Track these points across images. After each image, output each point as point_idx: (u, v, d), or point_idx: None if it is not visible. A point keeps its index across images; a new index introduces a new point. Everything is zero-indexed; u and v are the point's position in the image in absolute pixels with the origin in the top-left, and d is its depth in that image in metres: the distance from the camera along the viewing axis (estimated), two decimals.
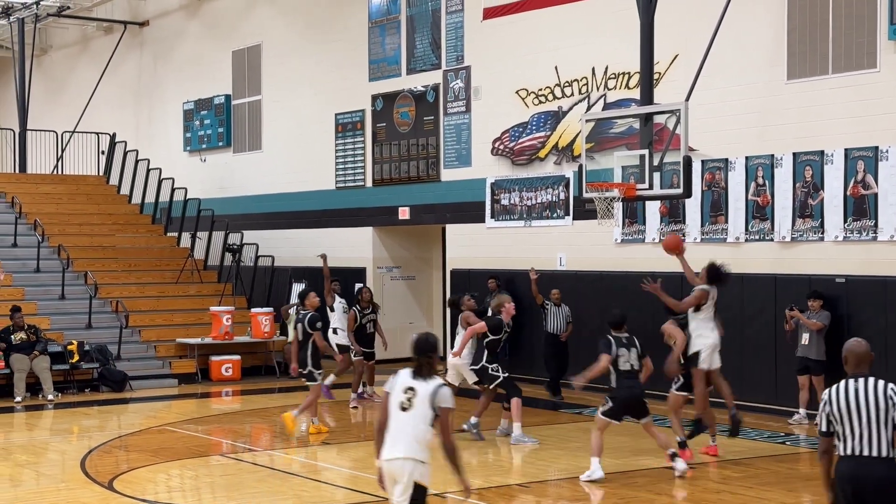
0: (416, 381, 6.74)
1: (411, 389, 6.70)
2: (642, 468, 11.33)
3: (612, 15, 16.77)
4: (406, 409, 6.67)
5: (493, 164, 19.00)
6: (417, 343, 6.86)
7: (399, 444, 6.66)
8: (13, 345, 16.98)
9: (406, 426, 6.64)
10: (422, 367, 6.77)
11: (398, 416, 6.68)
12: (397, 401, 6.70)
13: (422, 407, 6.65)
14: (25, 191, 23.02)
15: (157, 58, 27.23)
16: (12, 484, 11.13)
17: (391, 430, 6.70)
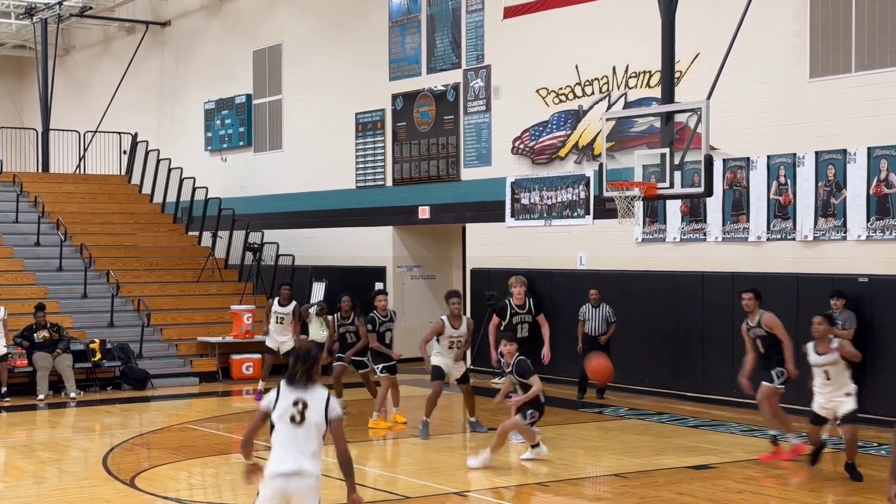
0: (300, 392, 6.37)
1: (301, 402, 6.35)
2: (663, 467, 11.29)
3: (633, 13, 16.73)
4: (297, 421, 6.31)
5: (514, 164, 18.99)
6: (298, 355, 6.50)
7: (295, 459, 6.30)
8: (36, 343, 17.09)
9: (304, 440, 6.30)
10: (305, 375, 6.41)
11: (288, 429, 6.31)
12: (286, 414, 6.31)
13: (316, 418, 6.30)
14: (48, 190, 23.16)
15: (179, 58, 27.34)
16: (35, 481, 11.20)
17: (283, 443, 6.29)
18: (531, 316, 13.35)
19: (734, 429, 13.67)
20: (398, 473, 11.47)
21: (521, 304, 13.32)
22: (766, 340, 11.62)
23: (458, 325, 13.17)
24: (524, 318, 13.31)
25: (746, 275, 15.31)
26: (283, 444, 6.30)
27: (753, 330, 11.68)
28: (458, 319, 13.17)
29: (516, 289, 13.43)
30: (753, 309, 11.69)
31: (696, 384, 15.95)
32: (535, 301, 13.58)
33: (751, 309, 11.70)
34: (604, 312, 16.24)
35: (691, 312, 16.08)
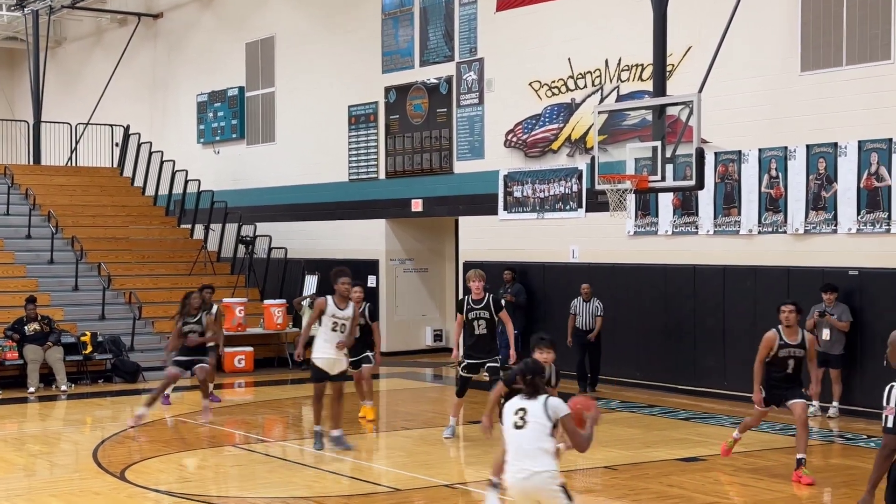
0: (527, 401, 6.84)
1: (523, 410, 6.82)
2: (653, 460, 11.32)
3: (625, 7, 16.73)
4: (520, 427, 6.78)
5: (506, 157, 18.99)
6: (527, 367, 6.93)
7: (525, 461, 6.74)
8: (27, 336, 17.06)
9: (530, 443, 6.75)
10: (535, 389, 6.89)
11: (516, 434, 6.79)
12: (510, 421, 6.80)
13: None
14: (40, 182, 23.12)
15: (171, 50, 27.28)
16: (26, 474, 11.19)
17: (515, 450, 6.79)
18: (488, 312, 12.20)
19: (724, 421, 13.69)
20: (389, 466, 11.48)
21: (479, 300, 12.24)
22: (798, 362, 10.37)
23: (344, 306, 11.82)
24: (480, 315, 12.20)
25: (738, 268, 15.36)
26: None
27: (792, 349, 10.30)
28: (345, 302, 11.83)
29: (474, 283, 12.32)
30: (794, 324, 10.35)
31: (687, 377, 15.99)
32: (495, 297, 12.42)
33: (791, 324, 10.32)
34: (594, 307, 16.15)
35: (683, 305, 16.11)
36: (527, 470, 6.68)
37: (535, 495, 6.72)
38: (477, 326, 12.24)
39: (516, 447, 6.76)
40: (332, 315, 11.68)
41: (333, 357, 11.70)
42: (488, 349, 12.30)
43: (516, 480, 6.72)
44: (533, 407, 6.81)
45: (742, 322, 15.34)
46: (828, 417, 13.81)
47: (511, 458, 6.75)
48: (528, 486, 6.69)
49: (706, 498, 9.62)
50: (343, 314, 11.73)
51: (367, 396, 13.71)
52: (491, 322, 12.25)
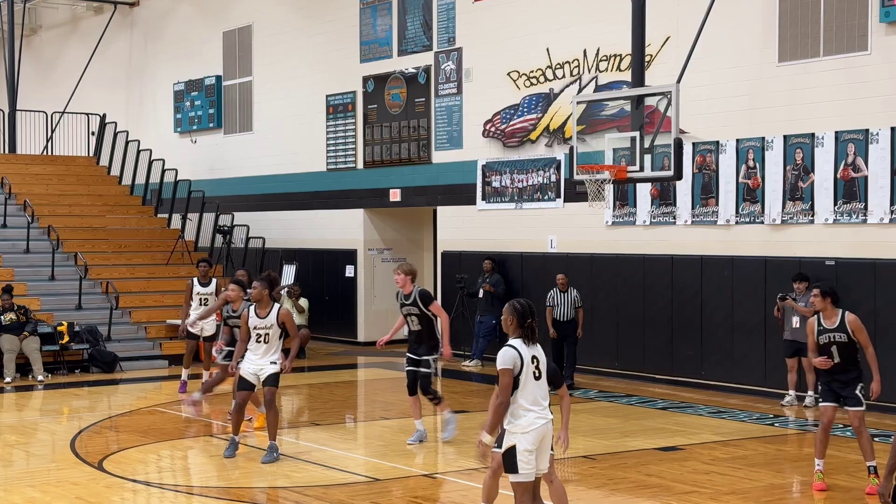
0: (533, 349, 7.20)
1: (536, 358, 7.18)
2: (631, 449, 11.37)
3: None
4: (538, 377, 7.16)
5: (485, 146, 18.99)
6: (525, 310, 7.24)
7: (545, 408, 7.17)
8: (3, 325, 16.95)
9: (543, 391, 7.19)
10: (533, 333, 7.22)
11: (535, 384, 7.13)
12: (529, 371, 7.11)
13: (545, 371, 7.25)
14: (15, 171, 22.94)
15: (148, 38, 27.12)
16: (3, 464, 11.13)
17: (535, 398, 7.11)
18: (417, 308, 11.49)
19: (702, 411, 13.78)
20: (367, 455, 11.49)
21: (407, 295, 11.57)
22: (845, 348, 9.58)
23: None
24: (410, 311, 11.54)
25: (715, 258, 15.43)
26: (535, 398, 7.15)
27: (830, 334, 9.62)
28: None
29: (396, 276, 11.74)
30: (825, 307, 9.66)
31: (664, 367, 16.06)
32: (422, 291, 11.62)
33: (822, 307, 9.68)
34: (572, 297, 15.94)
35: (661, 295, 16.17)
36: (545, 417, 7.14)
37: (545, 439, 7.17)
38: (410, 322, 11.62)
39: (534, 396, 7.13)
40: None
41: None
42: (425, 345, 11.53)
43: (537, 427, 7.10)
44: (541, 354, 7.27)
45: (719, 312, 15.42)
46: (804, 406, 13.91)
47: (529, 407, 7.08)
48: (544, 431, 7.14)
49: (684, 487, 9.68)
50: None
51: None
52: (423, 317, 11.48)
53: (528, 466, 7.09)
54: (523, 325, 7.20)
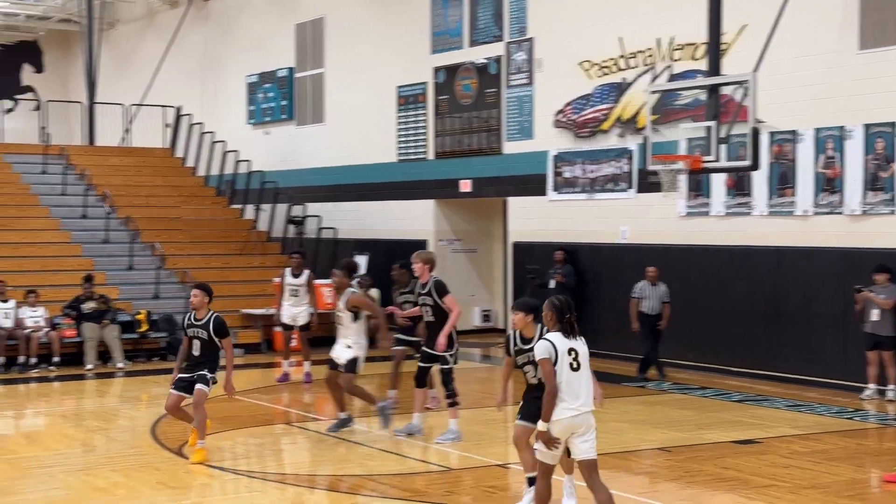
0: (572, 341, 7.39)
1: (574, 350, 7.38)
2: (707, 442, 11.27)
3: None
4: (576, 368, 7.36)
5: (556, 137, 18.93)
6: (563, 306, 7.43)
7: (582, 401, 7.34)
8: (84, 314, 17.31)
9: (581, 382, 7.37)
10: (573, 327, 7.43)
11: (571, 375, 7.34)
12: (565, 363, 7.32)
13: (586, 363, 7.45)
14: (94, 163, 23.38)
15: (222, 31, 27.43)
16: (86, 449, 11.37)
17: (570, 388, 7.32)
18: (431, 298, 11.09)
19: (779, 404, 13.61)
20: (439, 445, 11.52)
21: (424, 284, 11.18)
22: None
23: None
24: (424, 301, 11.16)
25: (792, 249, 15.22)
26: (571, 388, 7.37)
27: None
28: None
29: (414, 265, 11.33)
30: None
31: (740, 359, 15.89)
32: (438, 281, 11.15)
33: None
34: (661, 291, 15.55)
35: (736, 287, 16.00)
36: (578, 409, 7.31)
37: (576, 430, 7.35)
38: (424, 313, 11.22)
39: (571, 388, 7.32)
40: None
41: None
42: (435, 338, 11.09)
43: (565, 418, 7.30)
44: (581, 347, 7.43)
45: (797, 304, 15.21)
46: (887, 401, 13.67)
47: (564, 398, 7.28)
48: (574, 423, 7.32)
49: (762, 481, 9.57)
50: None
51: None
52: (437, 309, 11.06)
53: (550, 451, 7.37)
54: (562, 320, 7.44)
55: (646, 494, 9.18)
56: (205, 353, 10.34)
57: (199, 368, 10.36)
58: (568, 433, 7.35)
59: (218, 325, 10.27)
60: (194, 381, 10.33)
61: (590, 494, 7.53)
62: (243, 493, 9.43)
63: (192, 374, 10.36)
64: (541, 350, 7.40)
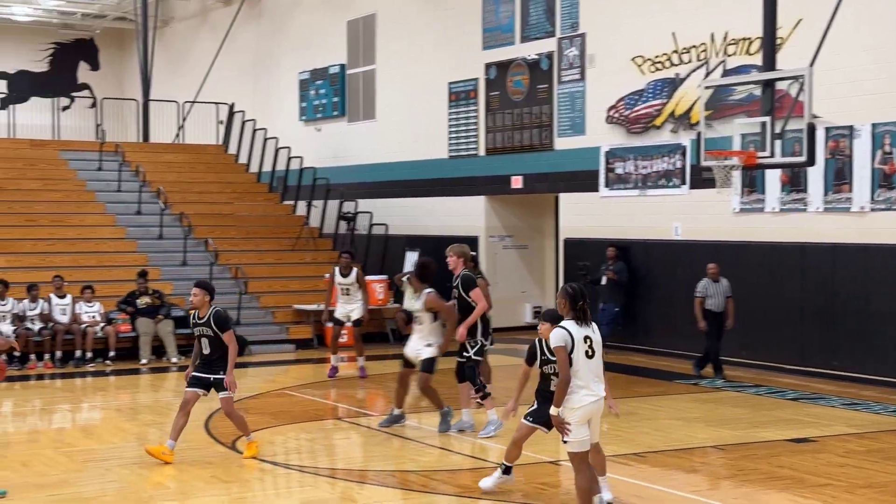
0: (586, 329, 7.69)
1: (589, 338, 7.67)
2: (762, 440, 11.16)
3: None
4: (591, 356, 7.67)
5: (608, 133, 18.82)
6: (577, 293, 7.71)
7: (598, 385, 7.71)
8: (139, 309, 17.52)
9: (596, 369, 7.72)
10: (585, 314, 7.70)
11: (587, 363, 7.65)
12: (581, 350, 7.62)
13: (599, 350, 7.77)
14: (149, 159, 23.64)
15: (274, 28, 27.60)
16: (140, 442, 11.49)
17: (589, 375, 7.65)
18: (458, 292, 11.27)
19: (834, 402, 13.43)
20: (492, 441, 11.51)
21: (455, 277, 11.41)
22: None
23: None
24: (452, 294, 11.33)
25: (848, 246, 15.02)
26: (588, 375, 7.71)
27: None
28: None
29: (449, 258, 11.46)
30: None
31: (794, 356, 15.71)
32: (466, 275, 11.27)
33: None
34: (723, 287, 15.28)
35: (790, 284, 15.82)
36: (596, 395, 7.68)
37: (594, 416, 7.73)
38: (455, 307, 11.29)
39: (588, 374, 7.65)
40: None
41: None
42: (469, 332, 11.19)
43: (586, 403, 7.64)
44: (594, 335, 7.75)
45: (852, 301, 15.01)
46: None
47: (582, 384, 7.61)
48: (593, 409, 7.69)
49: (818, 480, 9.46)
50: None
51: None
52: (462, 301, 11.19)
53: (581, 437, 7.66)
54: (575, 307, 7.70)
55: (699, 493, 9.11)
56: (215, 351, 10.14)
57: (214, 368, 10.13)
58: (588, 418, 7.66)
59: (218, 319, 10.06)
60: (210, 382, 10.17)
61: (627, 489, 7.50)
62: (295, 488, 9.49)
63: (209, 376, 10.17)
64: (556, 338, 7.64)
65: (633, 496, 8.97)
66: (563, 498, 9.06)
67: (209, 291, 10.16)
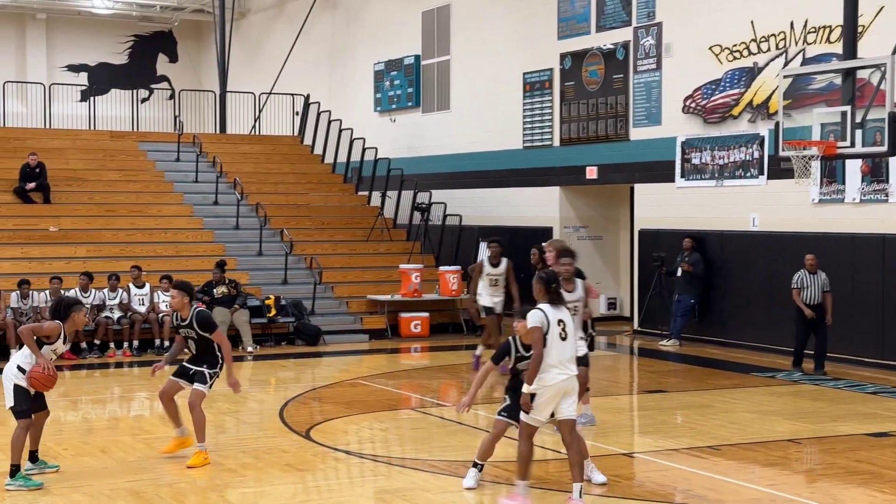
0: (559, 312, 8.12)
1: (562, 321, 8.08)
2: (840, 434, 10.97)
3: None
4: (564, 338, 8.08)
5: (684, 123, 18.62)
6: (549, 277, 8.18)
7: (570, 365, 8.13)
8: (215, 298, 17.74)
9: (569, 351, 8.14)
10: (559, 296, 8.18)
11: (561, 344, 8.06)
12: (556, 332, 8.04)
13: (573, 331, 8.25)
14: (226, 150, 23.93)
15: (349, 19, 27.75)
16: (216, 430, 11.65)
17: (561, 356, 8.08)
18: None
19: None
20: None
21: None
22: None
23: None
24: None
25: None
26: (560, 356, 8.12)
27: None
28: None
29: (548, 253, 11.15)
30: None
31: (873, 350, 15.41)
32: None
33: None
34: (821, 279, 14.95)
35: (870, 276, 15.52)
36: (567, 373, 8.07)
37: (567, 392, 8.10)
38: None
39: (560, 355, 8.06)
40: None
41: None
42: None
43: (558, 381, 8.04)
44: (567, 317, 8.17)
45: None
46: None
47: (553, 363, 8.01)
48: (564, 386, 8.07)
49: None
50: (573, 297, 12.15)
51: None
52: None
53: (539, 415, 8.12)
54: (549, 290, 8.13)
55: (775, 486, 9.00)
56: (202, 350, 9.83)
57: (199, 364, 9.85)
58: (560, 396, 8.06)
59: (201, 321, 9.70)
60: (191, 373, 9.86)
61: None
62: (368, 477, 9.56)
63: (191, 367, 9.89)
64: (533, 319, 8.03)
65: (707, 489, 8.89)
66: (637, 490, 9.00)
67: (188, 292, 9.81)
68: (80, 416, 12.73)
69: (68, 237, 19.54)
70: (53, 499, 8.69)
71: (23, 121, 26.41)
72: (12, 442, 8.91)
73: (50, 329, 9.03)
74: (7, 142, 22.25)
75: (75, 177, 21.48)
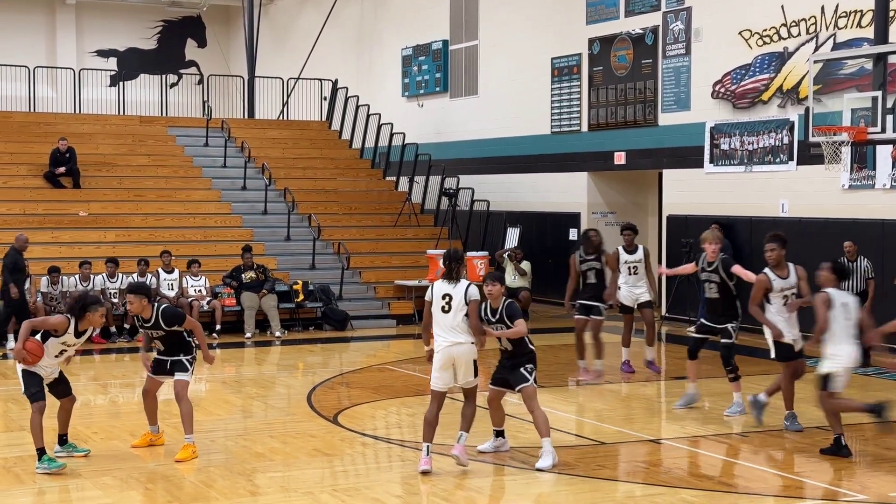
0: (449, 287, 8.82)
1: (448, 296, 8.78)
2: (869, 421, 10.89)
3: None
4: (447, 311, 8.80)
5: (713, 108, 18.51)
6: (447, 255, 8.86)
7: (453, 333, 8.83)
8: (243, 283, 17.84)
9: (451, 322, 8.81)
10: (454, 274, 8.85)
11: (442, 316, 8.83)
12: (438, 305, 8.82)
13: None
14: (254, 136, 23.99)
15: (377, 4, 27.72)
16: (244, 415, 11.76)
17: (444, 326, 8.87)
18: (719, 275, 11.31)
19: None
20: (593, 419, 11.48)
21: (710, 262, 11.42)
22: None
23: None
24: (710, 277, 11.35)
25: None
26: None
27: None
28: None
29: (709, 246, 11.45)
30: None
31: None
32: (726, 258, 11.48)
33: None
34: (862, 267, 14.55)
35: None
36: (450, 340, 8.78)
37: (456, 360, 8.82)
38: (708, 289, 11.41)
39: (441, 326, 8.83)
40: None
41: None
42: (721, 313, 11.32)
43: (442, 347, 8.81)
44: (456, 293, 8.78)
45: None
46: None
47: (438, 332, 8.84)
48: (452, 352, 8.80)
49: None
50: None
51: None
52: (722, 286, 11.28)
53: (436, 379, 8.91)
54: (446, 265, 8.86)
55: (803, 474, 8.97)
56: (173, 344, 9.57)
57: (174, 354, 9.58)
58: (450, 362, 8.81)
59: (168, 317, 9.41)
60: (167, 366, 9.62)
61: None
62: (396, 462, 9.60)
63: (167, 358, 9.62)
64: (428, 292, 8.90)
65: (735, 476, 8.87)
66: (664, 477, 8.99)
67: (145, 294, 9.50)
68: (109, 400, 12.85)
69: (97, 222, 19.68)
70: (83, 482, 8.78)
71: (53, 106, 26.57)
72: (31, 427, 9.01)
73: (55, 323, 9.09)
74: (37, 127, 22.41)
75: (105, 162, 21.61)
